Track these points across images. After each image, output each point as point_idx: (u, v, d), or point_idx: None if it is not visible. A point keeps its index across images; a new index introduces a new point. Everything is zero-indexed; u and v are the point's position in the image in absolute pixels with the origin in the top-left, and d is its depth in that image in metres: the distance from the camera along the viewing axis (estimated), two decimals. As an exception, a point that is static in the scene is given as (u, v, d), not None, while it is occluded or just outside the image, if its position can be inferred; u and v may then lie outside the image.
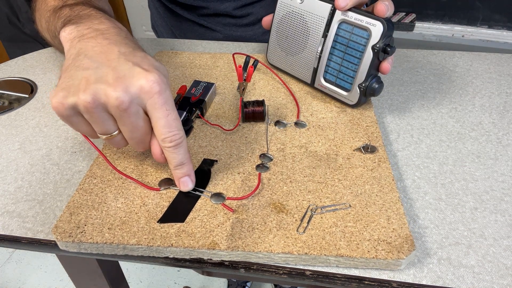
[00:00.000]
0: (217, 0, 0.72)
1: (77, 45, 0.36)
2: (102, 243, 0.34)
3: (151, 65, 0.34)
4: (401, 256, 0.32)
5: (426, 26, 1.55)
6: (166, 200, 0.38)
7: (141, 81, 0.32)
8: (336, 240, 0.34)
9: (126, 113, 0.32)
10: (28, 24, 1.71)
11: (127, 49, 0.35)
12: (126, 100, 0.32)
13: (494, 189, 0.41)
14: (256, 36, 0.76)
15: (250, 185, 0.39)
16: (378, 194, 0.38)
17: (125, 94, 0.32)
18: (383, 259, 0.32)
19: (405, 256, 0.32)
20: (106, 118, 0.33)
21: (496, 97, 0.54)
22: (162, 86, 0.33)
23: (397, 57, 0.64)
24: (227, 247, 0.33)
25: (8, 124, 0.50)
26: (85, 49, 0.35)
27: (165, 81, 0.33)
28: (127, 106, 0.32)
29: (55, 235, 0.34)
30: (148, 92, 0.32)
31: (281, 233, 0.34)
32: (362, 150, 0.43)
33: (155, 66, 0.34)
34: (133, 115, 0.33)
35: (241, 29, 0.76)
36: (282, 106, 0.50)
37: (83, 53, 0.35)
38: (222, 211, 0.36)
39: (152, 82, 0.32)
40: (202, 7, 0.73)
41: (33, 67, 0.62)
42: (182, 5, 0.75)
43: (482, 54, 0.64)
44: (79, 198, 0.38)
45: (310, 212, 0.36)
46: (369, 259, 0.33)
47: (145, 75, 0.32)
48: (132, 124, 0.34)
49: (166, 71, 0.35)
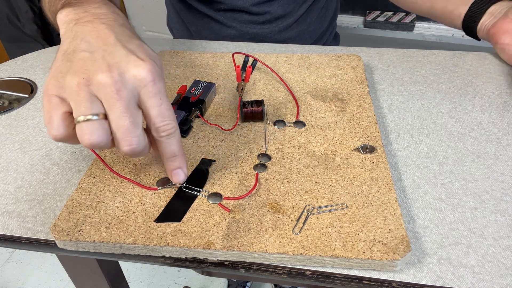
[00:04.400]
0: None
1: (74, 28, 0.35)
2: (99, 242, 0.34)
3: (147, 54, 0.34)
4: (396, 257, 0.32)
5: (426, 26, 1.55)
6: (164, 199, 0.38)
7: (136, 69, 0.32)
8: (331, 240, 0.34)
9: (117, 95, 0.31)
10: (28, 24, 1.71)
11: (124, 36, 0.35)
12: (119, 82, 0.31)
13: (494, 189, 0.41)
14: (272, 34, 0.76)
15: (248, 185, 0.39)
16: (376, 194, 0.38)
17: (119, 77, 0.31)
18: (378, 260, 0.32)
19: (400, 257, 0.32)
20: (94, 99, 0.32)
21: (496, 97, 0.54)
22: (156, 76, 0.33)
23: (397, 57, 0.64)
24: (223, 246, 0.33)
25: (8, 124, 0.50)
26: (81, 33, 0.35)
27: (159, 71, 0.33)
28: (120, 87, 0.31)
29: (53, 234, 0.34)
30: (142, 80, 0.32)
31: (277, 233, 0.34)
32: (360, 150, 0.43)
33: (150, 56, 0.34)
34: (124, 99, 0.32)
35: (257, 26, 0.75)
36: (281, 106, 0.50)
37: (79, 37, 0.34)
38: (218, 210, 0.36)
39: (147, 71, 0.32)
40: (219, 2, 0.73)
41: (33, 67, 0.62)
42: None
43: (482, 54, 0.64)
44: (77, 197, 0.38)
45: (306, 212, 0.36)
46: (364, 260, 0.32)
47: (140, 63, 0.32)
48: (121, 108, 0.32)
49: (161, 61, 0.35)
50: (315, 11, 0.79)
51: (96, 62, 0.32)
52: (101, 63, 0.32)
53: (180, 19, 0.82)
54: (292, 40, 0.78)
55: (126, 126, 0.32)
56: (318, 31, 0.81)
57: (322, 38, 0.83)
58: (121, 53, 0.33)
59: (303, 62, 0.59)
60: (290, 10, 0.75)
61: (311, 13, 0.78)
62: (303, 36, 0.79)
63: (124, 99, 0.32)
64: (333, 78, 0.55)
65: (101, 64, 0.32)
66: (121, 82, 0.31)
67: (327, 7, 0.81)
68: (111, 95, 0.31)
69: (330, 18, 0.83)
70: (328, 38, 0.85)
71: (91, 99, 0.32)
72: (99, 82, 0.31)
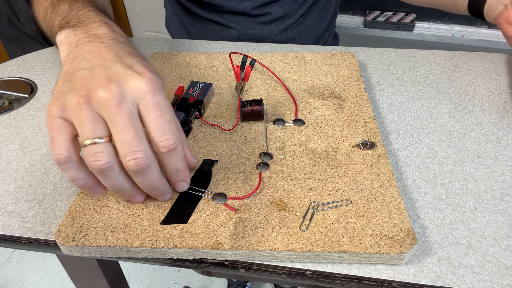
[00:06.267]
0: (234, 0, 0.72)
1: (74, 50, 0.36)
2: (106, 247, 0.34)
3: (146, 68, 0.34)
4: (403, 250, 0.32)
5: (426, 26, 1.54)
6: (168, 201, 0.38)
7: (135, 81, 0.32)
8: (338, 236, 0.34)
9: (117, 109, 0.31)
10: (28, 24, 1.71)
11: (124, 52, 0.35)
12: (118, 95, 0.31)
13: (494, 189, 0.41)
14: (272, 34, 0.77)
15: (251, 184, 0.39)
16: (379, 189, 0.38)
17: (118, 90, 0.31)
18: (386, 254, 0.32)
19: (407, 250, 0.32)
20: (97, 119, 0.32)
21: (496, 97, 0.54)
22: (156, 86, 0.32)
23: (397, 57, 0.64)
24: (231, 246, 0.33)
25: (8, 124, 0.50)
26: (82, 53, 0.35)
27: (159, 83, 0.33)
28: (119, 100, 0.31)
29: (58, 240, 0.34)
30: (141, 91, 0.32)
31: (284, 231, 0.35)
32: (361, 147, 0.43)
33: (149, 69, 0.34)
34: (125, 112, 0.31)
35: (257, 27, 0.76)
36: (280, 105, 0.50)
37: (79, 57, 0.35)
38: (224, 211, 0.36)
39: (145, 82, 0.32)
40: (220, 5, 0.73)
41: (33, 67, 0.62)
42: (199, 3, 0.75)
43: (482, 54, 0.64)
44: (80, 202, 0.37)
45: (311, 209, 0.36)
46: (372, 254, 0.33)
47: (138, 76, 0.32)
48: (123, 123, 0.31)
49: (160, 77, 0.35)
50: (315, 11, 0.79)
51: (95, 78, 0.32)
52: (100, 78, 0.32)
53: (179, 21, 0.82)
54: (292, 40, 0.78)
55: (129, 140, 0.31)
56: (317, 32, 0.81)
57: (321, 39, 0.83)
58: (120, 67, 0.33)
59: (298, 61, 0.59)
60: (290, 11, 0.76)
61: (310, 14, 0.78)
62: (303, 36, 0.79)
63: (125, 112, 0.31)
64: (328, 76, 0.55)
65: (100, 79, 0.32)
66: (121, 95, 0.31)
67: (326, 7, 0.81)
68: (112, 110, 0.31)
69: (329, 18, 0.83)
70: (327, 39, 0.85)
71: (94, 118, 0.31)
72: (99, 98, 0.31)
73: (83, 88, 0.32)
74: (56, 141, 0.32)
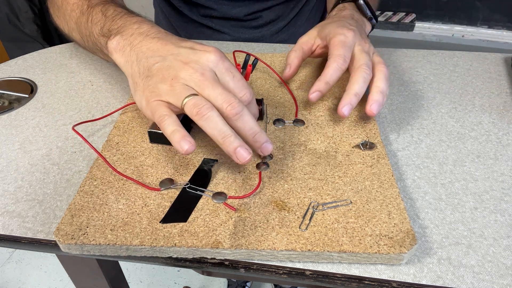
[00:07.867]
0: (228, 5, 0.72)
1: (131, 53, 0.41)
2: (105, 245, 0.34)
3: (203, 44, 0.40)
4: (403, 251, 0.32)
5: (426, 26, 1.55)
6: (168, 200, 0.38)
7: (205, 55, 0.38)
8: (338, 236, 0.34)
9: (203, 77, 0.36)
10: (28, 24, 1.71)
11: (175, 40, 0.40)
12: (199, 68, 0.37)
13: (494, 189, 0.41)
14: (264, 38, 0.77)
15: (251, 184, 0.39)
16: (378, 190, 0.38)
17: (197, 65, 0.37)
18: (386, 254, 0.33)
19: (407, 250, 0.32)
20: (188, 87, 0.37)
21: (496, 97, 0.54)
22: (221, 55, 0.38)
23: (397, 57, 0.64)
24: (231, 245, 0.33)
25: (8, 124, 0.50)
26: (142, 54, 0.40)
27: (221, 52, 0.39)
28: (202, 71, 0.37)
29: (57, 238, 0.34)
30: (213, 61, 0.38)
31: (284, 230, 0.35)
32: (361, 147, 0.43)
33: (206, 45, 0.39)
34: (210, 77, 0.37)
35: (250, 31, 0.76)
36: (280, 105, 0.51)
37: (143, 58, 0.39)
38: (224, 210, 0.36)
39: (214, 54, 0.38)
40: (211, 8, 0.73)
41: (33, 67, 0.62)
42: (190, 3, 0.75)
43: (482, 54, 0.64)
44: (80, 200, 0.37)
45: (311, 209, 0.36)
46: (371, 254, 0.33)
47: (204, 51, 0.38)
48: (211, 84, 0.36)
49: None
50: (305, 13, 0.80)
51: (172, 65, 0.38)
52: (176, 64, 0.37)
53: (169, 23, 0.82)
54: (284, 42, 0.78)
55: (221, 92, 0.36)
56: None
57: None
58: (185, 51, 0.39)
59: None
60: (281, 14, 0.76)
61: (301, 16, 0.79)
62: (295, 38, 0.79)
63: (210, 77, 0.37)
64: None
65: (178, 64, 0.37)
66: (201, 68, 0.37)
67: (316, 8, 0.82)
68: (199, 79, 0.36)
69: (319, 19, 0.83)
70: None
71: (185, 87, 0.37)
72: (185, 76, 0.37)
73: (168, 75, 0.37)
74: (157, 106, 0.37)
